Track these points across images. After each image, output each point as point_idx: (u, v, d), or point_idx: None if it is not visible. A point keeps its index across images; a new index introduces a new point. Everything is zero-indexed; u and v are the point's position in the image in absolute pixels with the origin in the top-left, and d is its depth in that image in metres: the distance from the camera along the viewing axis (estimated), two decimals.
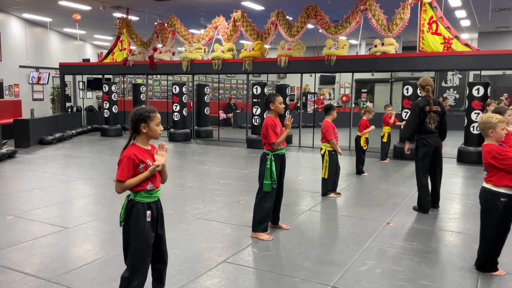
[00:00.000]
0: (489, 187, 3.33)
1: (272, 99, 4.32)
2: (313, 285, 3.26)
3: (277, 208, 4.52)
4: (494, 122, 3.34)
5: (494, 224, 3.30)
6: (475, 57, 9.24)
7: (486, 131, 3.37)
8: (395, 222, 4.86)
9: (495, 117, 3.39)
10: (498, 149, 3.28)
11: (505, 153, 3.24)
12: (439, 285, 3.29)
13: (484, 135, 3.41)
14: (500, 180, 3.27)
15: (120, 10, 14.55)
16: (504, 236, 3.37)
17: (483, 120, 3.41)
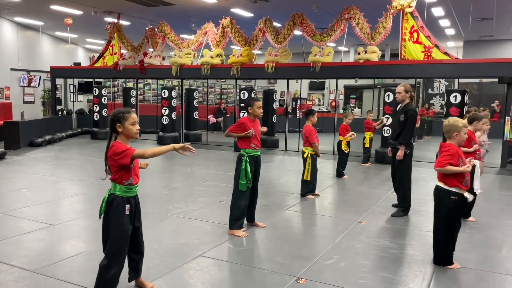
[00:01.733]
0: (441, 185, 3.62)
1: (251, 103, 4.58)
2: (281, 276, 3.51)
3: (252, 207, 4.77)
4: (460, 126, 3.65)
5: (446, 220, 3.58)
6: (454, 65, 9.60)
7: (451, 133, 3.67)
8: (366, 221, 5.14)
9: (461, 121, 3.70)
10: (454, 149, 3.56)
11: (449, 150, 3.54)
12: (397, 277, 3.56)
13: (448, 137, 3.71)
14: (451, 181, 3.56)
15: (112, 15, 14.78)
16: (455, 231, 3.64)
17: (450, 123, 3.70)
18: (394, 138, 5.46)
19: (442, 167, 3.55)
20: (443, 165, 3.54)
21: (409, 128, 5.30)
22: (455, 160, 3.55)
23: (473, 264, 3.86)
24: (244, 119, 4.56)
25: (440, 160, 3.57)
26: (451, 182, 3.57)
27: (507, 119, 9.18)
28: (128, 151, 2.84)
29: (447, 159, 3.55)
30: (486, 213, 5.65)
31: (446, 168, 3.54)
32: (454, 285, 3.44)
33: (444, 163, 3.54)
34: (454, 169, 3.54)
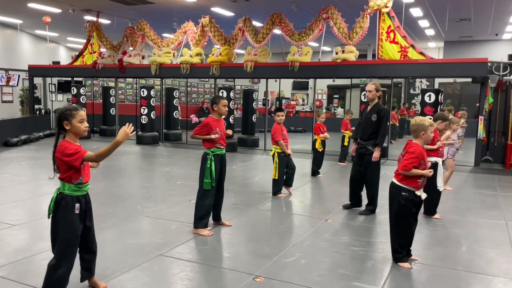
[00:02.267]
0: (395, 182, 3.65)
1: (217, 101, 4.56)
2: (239, 275, 3.50)
3: (218, 205, 4.76)
4: (426, 125, 3.68)
5: (400, 216, 3.61)
6: (428, 65, 9.71)
7: (418, 132, 3.70)
8: (333, 219, 5.16)
9: (428, 121, 3.73)
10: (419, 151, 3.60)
11: (415, 152, 3.57)
12: (354, 274, 3.58)
13: (415, 136, 3.73)
14: (403, 179, 3.60)
15: (91, 13, 14.63)
16: (410, 228, 3.67)
17: (417, 122, 3.73)
18: (366, 139, 5.30)
19: (407, 171, 3.58)
20: (408, 169, 3.57)
21: (384, 128, 5.25)
22: (419, 162, 3.58)
23: (431, 261, 3.90)
24: (208, 119, 4.54)
25: (406, 164, 3.59)
26: (404, 180, 3.60)
27: (480, 119, 9.31)
28: (79, 154, 2.80)
29: (412, 162, 3.57)
30: (453, 211, 5.73)
31: (411, 171, 3.57)
32: (409, 282, 3.47)
33: (410, 166, 3.57)
34: (417, 172, 3.57)
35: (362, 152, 5.31)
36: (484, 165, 9.63)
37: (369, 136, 5.24)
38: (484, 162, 9.91)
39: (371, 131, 5.22)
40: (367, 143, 5.25)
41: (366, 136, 5.27)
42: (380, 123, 5.18)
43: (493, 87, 9.64)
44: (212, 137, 4.47)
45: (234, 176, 7.99)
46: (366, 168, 5.35)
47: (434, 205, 5.23)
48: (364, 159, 5.31)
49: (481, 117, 9.31)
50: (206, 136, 4.47)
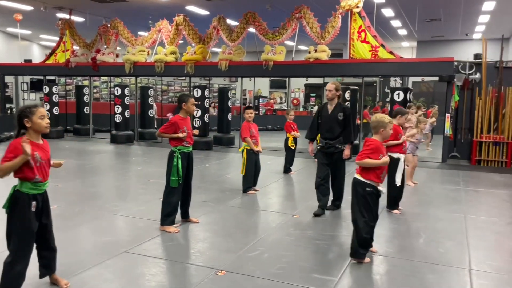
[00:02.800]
0: (358, 177, 3.78)
1: (185, 99, 4.61)
2: (201, 269, 3.58)
3: (186, 203, 4.81)
4: (386, 122, 3.81)
5: (362, 211, 3.74)
6: (398, 64, 9.96)
7: (378, 129, 3.83)
8: (299, 215, 5.28)
9: (387, 118, 3.87)
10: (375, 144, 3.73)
11: (370, 145, 3.71)
12: (314, 266, 3.69)
13: (375, 132, 3.86)
14: (367, 174, 3.73)
15: (63, 11, 14.42)
16: (371, 223, 3.80)
17: (377, 119, 3.85)
18: (334, 138, 5.22)
19: (361, 160, 3.71)
20: (362, 158, 3.70)
21: (353, 126, 5.33)
22: (376, 155, 3.71)
23: (389, 253, 4.06)
24: (175, 118, 4.58)
25: (360, 154, 3.73)
26: (368, 175, 3.73)
27: (447, 116, 9.60)
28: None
29: (367, 153, 3.70)
30: (416, 205, 5.93)
31: (364, 161, 3.69)
32: (365, 272, 3.61)
33: (363, 156, 3.70)
34: (371, 161, 3.69)
35: (331, 151, 5.24)
36: (451, 161, 9.95)
37: (337, 135, 5.22)
38: (451, 158, 10.23)
39: (339, 130, 5.21)
40: (335, 141, 5.22)
41: (334, 135, 5.22)
42: (347, 121, 5.20)
43: (460, 86, 9.96)
44: (180, 136, 4.52)
45: (207, 174, 8.05)
46: (334, 166, 5.34)
47: (396, 200, 5.40)
48: (333, 158, 5.28)
49: (448, 114, 9.61)
50: (173, 134, 4.52)
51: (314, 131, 5.45)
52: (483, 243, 4.39)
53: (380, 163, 3.71)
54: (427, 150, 12.00)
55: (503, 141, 9.40)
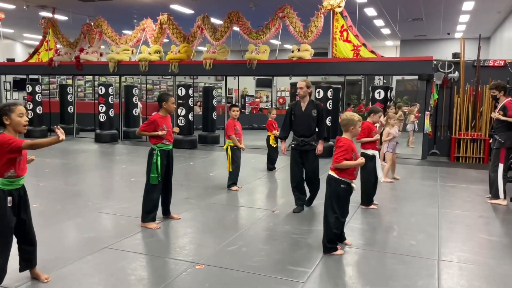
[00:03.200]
0: (333, 175, 3.91)
1: (166, 98, 4.70)
2: (181, 263, 3.67)
3: (167, 200, 4.91)
4: (355, 120, 3.95)
5: (335, 207, 3.88)
6: (378, 63, 10.15)
7: (348, 127, 3.96)
8: (279, 210, 5.40)
9: (356, 116, 4.00)
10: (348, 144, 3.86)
11: (343, 145, 3.84)
12: (289, 258, 3.82)
13: (345, 130, 3.99)
14: (341, 172, 3.86)
15: (47, 9, 14.32)
16: (343, 216, 3.94)
17: (347, 117, 3.99)
18: (309, 135, 5.27)
19: (339, 163, 3.83)
20: (339, 161, 3.83)
21: (325, 123, 5.50)
22: (349, 155, 3.84)
23: (363, 246, 4.21)
24: (155, 116, 4.67)
25: (336, 157, 3.84)
26: (342, 173, 3.87)
27: (427, 114, 9.83)
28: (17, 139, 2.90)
29: (342, 155, 3.83)
30: (393, 200, 6.12)
31: (342, 163, 3.82)
32: (338, 264, 3.75)
33: (340, 159, 3.82)
34: (348, 163, 3.82)
35: (307, 149, 5.27)
36: (431, 158, 10.18)
37: (312, 132, 5.27)
38: (431, 155, 10.46)
39: (314, 127, 5.28)
40: (310, 139, 5.26)
41: (309, 133, 5.27)
42: (320, 117, 5.29)
43: (439, 84, 10.20)
44: (160, 134, 4.60)
45: (190, 172, 8.13)
46: (309, 163, 5.32)
47: (370, 196, 5.55)
48: (308, 155, 5.30)
49: (427, 112, 9.83)
50: (153, 132, 4.61)
51: (287, 129, 5.45)
52: (453, 235, 4.57)
53: (356, 164, 3.84)
54: (410, 147, 12.26)
55: (481, 138, 9.66)
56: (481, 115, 9.83)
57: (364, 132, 5.52)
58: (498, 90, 5.95)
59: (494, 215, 5.40)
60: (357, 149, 4.09)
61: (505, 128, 5.75)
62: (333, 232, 3.88)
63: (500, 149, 5.76)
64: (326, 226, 3.93)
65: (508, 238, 4.53)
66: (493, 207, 5.74)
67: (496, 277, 3.54)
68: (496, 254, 4.06)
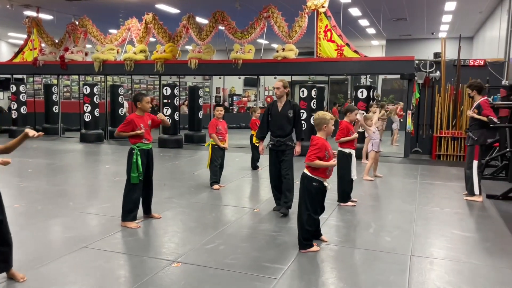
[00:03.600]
0: (307, 173, 4.00)
1: (140, 98, 4.74)
2: (159, 262, 3.72)
3: (148, 199, 4.95)
4: (328, 118, 4.03)
5: (308, 204, 3.96)
6: (361, 63, 10.28)
7: (321, 125, 4.04)
8: (260, 209, 5.48)
9: (328, 114, 4.08)
10: (321, 142, 3.94)
11: (317, 144, 3.92)
12: (266, 256, 3.89)
13: (318, 129, 4.07)
14: (314, 170, 3.95)
15: (31, 9, 14.19)
16: (317, 213, 4.03)
17: (320, 116, 4.07)
18: (285, 135, 5.20)
19: (311, 161, 3.91)
20: (312, 160, 3.91)
21: (301, 123, 5.34)
22: (322, 153, 3.92)
23: (338, 242, 4.30)
24: (131, 116, 4.71)
25: (309, 155, 3.93)
26: (315, 172, 3.95)
27: (408, 113, 9.99)
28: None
29: (315, 153, 3.91)
30: (372, 197, 6.23)
31: (315, 162, 3.90)
32: (313, 260, 3.83)
33: (313, 157, 3.90)
34: (321, 163, 3.91)
35: (283, 149, 5.20)
36: (413, 156, 10.35)
37: (288, 132, 5.20)
38: (414, 153, 10.63)
39: (290, 128, 5.22)
40: (286, 139, 5.20)
41: (285, 133, 5.21)
42: (297, 118, 5.24)
43: (421, 83, 10.37)
44: (138, 132, 4.64)
45: (174, 171, 8.18)
46: (284, 163, 5.23)
47: (347, 194, 5.66)
48: (284, 155, 5.21)
49: (409, 111, 9.99)
50: (131, 132, 4.65)
51: (264, 129, 5.41)
52: (427, 231, 4.69)
53: (328, 165, 3.92)
54: (394, 146, 12.43)
55: (461, 136, 9.84)
56: (462, 113, 10.02)
57: (343, 132, 5.63)
58: (471, 89, 6.10)
59: (468, 211, 5.55)
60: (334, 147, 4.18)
61: (479, 126, 5.90)
62: (306, 229, 3.96)
63: (474, 146, 5.91)
64: (300, 223, 4.01)
65: (480, 234, 4.66)
66: (469, 203, 5.89)
67: (465, 271, 3.65)
68: (467, 249, 4.18)
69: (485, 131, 5.97)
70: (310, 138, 5.47)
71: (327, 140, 4.08)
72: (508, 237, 4.53)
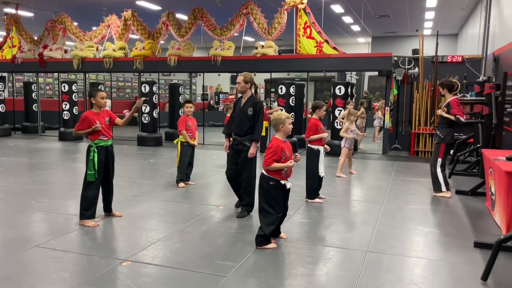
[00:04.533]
0: (264, 173, 3.95)
1: (94, 94, 4.66)
2: (109, 260, 3.65)
3: (108, 197, 4.86)
4: (283, 118, 3.98)
5: (266, 202, 3.91)
6: (340, 59, 10.25)
7: (278, 126, 3.99)
8: (226, 206, 5.42)
9: (284, 114, 4.03)
10: (276, 144, 3.89)
11: (272, 147, 3.87)
12: (220, 253, 3.83)
13: (276, 130, 4.01)
14: (269, 171, 3.91)
15: (11, 6, 14.00)
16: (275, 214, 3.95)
17: (275, 117, 4.02)
18: (242, 134, 4.89)
19: (268, 165, 3.86)
20: (269, 164, 3.86)
21: (261, 123, 4.89)
22: (278, 155, 3.87)
23: (297, 239, 4.25)
24: (86, 113, 4.63)
25: (265, 159, 3.88)
26: (271, 172, 3.91)
27: (387, 109, 9.97)
28: None
29: (271, 157, 3.86)
30: (341, 194, 6.21)
31: (272, 166, 3.85)
32: (268, 257, 3.77)
33: (269, 161, 3.85)
34: (279, 165, 3.86)
35: (239, 149, 4.89)
36: (392, 153, 10.34)
37: (245, 131, 4.86)
38: (393, 150, 10.63)
39: (248, 126, 4.85)
40: (243, 138, 4.88)
41: (242, 132, 4.88)
42: (256, 116, 4.85)
43: (400, 80, 10.36)
44: (94, 128, 4.54)
45: (147, 170, 8.09)
46: (242, 165, 4.93)
47: (314, 190, 5.61)
48: (240, 156, 4.91)
49: (387, 108, 9.98)
50: (88, 129, 4.57)
51: (229, 126, 5.19)
52: (389, 227, 4.65)
53: (285, 166, 3.88)
54: (375, 142, 12.42)
55: None
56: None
57: (312, 129, 5.58)
58: (442, 87, 6.06)
59: (434, 207, 5.53)
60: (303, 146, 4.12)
61: (447, 125, 5.89)
62: (265, 226, 3.91)
63: (440, 144, 5.90)
64: (260, 221, 3.97)
65: (441, 229, 4.64)
66: (437, 199, 5.88)
67: (419, 267, 3.62)
68: (425, 245, 4.16)
69: (452, 130, 5.96)
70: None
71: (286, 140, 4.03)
72: (468, 232, 4.51)
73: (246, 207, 5.03)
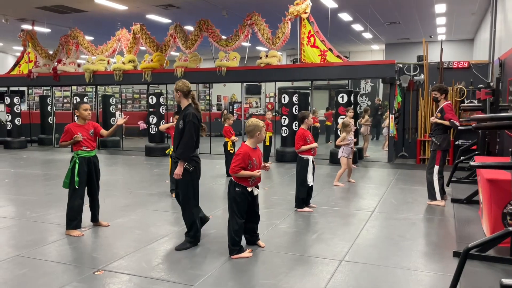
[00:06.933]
0: (231, 179, 3.98)
1: (78, 107, 4.83)
2: (82, 270, 3.73)
3: (94, 207, 4.97)
4: (260, 126, 4.02)
5: (234, 210, 3.93)
6: (344, 68, 10.20)
7: (254, 132, 4.02)
8: (214, 215, 5.44)
9: (261, 122, 4.07)
10: (244, 151, 3.92)
11: (240, 153, 3.90)
12: (192, 263, 3.86)
13: (251, 136, 4.04)
14: (236, 178, 3.93)
15: (27, 22, 14.57)
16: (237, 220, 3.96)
17: (253, 124, 4.05)
18: (175, 148, 4.24)
19: (236, 173, 3.89)
20: (236, 171, 3.89)
21: (188, 138, 4.05)
22: (246, 163, 3.89)
23: (275, 248, 4.23)
24: (69, 125, 4.79)
25: (233, 166, 3.91)
26: (237, 178, 3.94)
27: (391, 117, 9.84)
28: None
29: (238, 164, 3.88)
30: (334, 202, 6.13)
31: (239, 173, 3.88)
32: (239, 266, 3.77)
33: (237, 169, 3.88)
34: (246, 173, 3.89)
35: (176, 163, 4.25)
36: (399, 161, 10.17)
37: (177, 147, 4.18)
38: (400, 157, 10.46)
39: (179, 141, 4.16)
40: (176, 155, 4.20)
41: (175, 147, 4.24)
42: (185, 131, 4.09)
43: (405, 87, 10.22)
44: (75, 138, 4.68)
45: (147, 180, 8.21)
46: (177, 185, 4.43)
47: (302, 199, 5.58)
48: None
49: (392, 115, 9.84)
50: (70, 141, 4.73)
51: None
52: (373, 237, 4.58)
53: (251, 175, 3.90)
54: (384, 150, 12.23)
55: None
56: None
57: (301, 140, 5.57)
58: (440, 93, 5.94)
59: (425, 216, 5.41)
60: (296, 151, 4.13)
61: (442, 131, 5.78)
62: (233, 234, 3.92)
63: (437, 151, 5.78)
64: (229, 229, 3.98)
65: (425, 239, 4.54)
66: (430, 208, 5.75)
67: (388, 276, 3.55)
68: (404, 254, 4.06)
69: (448, 136, 5.84)
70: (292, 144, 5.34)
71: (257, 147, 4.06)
72: (452, 241, 4.39)
73: (186, 235, 4.31)
